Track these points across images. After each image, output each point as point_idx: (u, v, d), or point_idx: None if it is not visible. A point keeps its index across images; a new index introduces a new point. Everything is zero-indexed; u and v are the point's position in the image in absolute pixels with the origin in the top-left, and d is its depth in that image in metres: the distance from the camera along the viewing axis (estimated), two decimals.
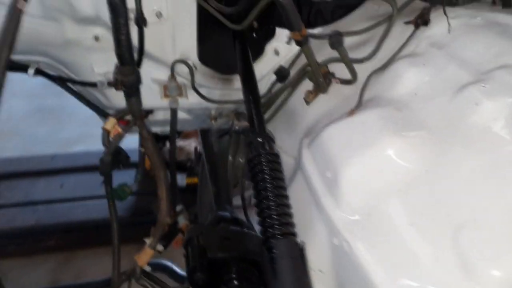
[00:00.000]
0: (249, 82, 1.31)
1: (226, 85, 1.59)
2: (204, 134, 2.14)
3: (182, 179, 4.08)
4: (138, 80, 1.28)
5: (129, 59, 1.23)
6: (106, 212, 4.50)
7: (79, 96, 1.72)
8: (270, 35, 1.48)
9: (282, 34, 1.49)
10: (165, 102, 1.53)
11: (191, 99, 1.58)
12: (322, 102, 1.30)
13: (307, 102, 1.32)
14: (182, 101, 1.60)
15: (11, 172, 4.15)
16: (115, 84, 1.28)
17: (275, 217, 1.06)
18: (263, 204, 1.09)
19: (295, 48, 1.52)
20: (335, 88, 1.28)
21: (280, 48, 1.51)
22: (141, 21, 1.27)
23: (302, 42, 1.09)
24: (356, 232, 0.98)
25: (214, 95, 1.60)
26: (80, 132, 4.88)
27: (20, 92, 5.24)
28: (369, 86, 1.17)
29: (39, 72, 1.65)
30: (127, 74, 1.25)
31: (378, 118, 1.04)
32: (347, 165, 1.02)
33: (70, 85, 1.70)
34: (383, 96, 1.13)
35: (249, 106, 1.27)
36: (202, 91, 1.55)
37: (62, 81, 1.65)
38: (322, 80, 1.20)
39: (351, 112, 1.10)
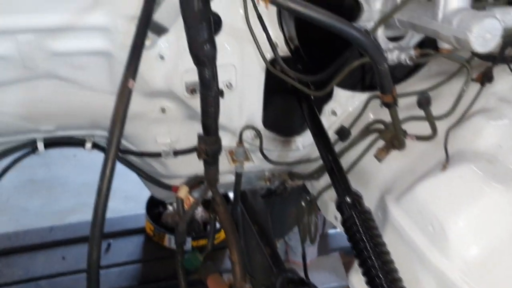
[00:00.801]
0: (324, 141, 1.38)
1: (284, 147, 1.64)
2: (243, 196, 2.16)
3: (187, 243, 4.02)
4: (220, 149, 1.31)
5: (214, 130, 1.27)
6: (111, 282, 4.35)
7: (134, 167, 1.73)
8: (328, 96, 1.56)
9: (338, 95, 1.57)
10: (231, 167, 1.55)
11: (251, 163, 1.62)
12: (396, 159, 1.36)
13: (379, 159, 1.38)
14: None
15: (8, 248, 4.00)
16: (198, 153, 1.31)
17: (382, 275, 1.09)
18: (367, 263, 1.12)
19: (350, 108, 1.61)
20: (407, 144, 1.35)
21: (337, 109, 1.59)
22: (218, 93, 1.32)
23: (391, 104, 1.16)
24: (472, 281, 1.02)
25: (272, 156, 1.64)
26: (74, 203, 4.78)
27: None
28: (449, 141, 1.24)
29: (95, 146, 1.67)
30: (211, 143, 1.29)
31: (475, 171, 1.11)
32: (455, 218, 1.07)
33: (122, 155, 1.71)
34: (467, 150, 1.20)
35: (329, 165, 1.33)
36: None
37: (121, 154, 1.67)
38: (403, 138, 1.27)
39: (444, 167, 1.17)
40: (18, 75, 1.36)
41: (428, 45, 1.33)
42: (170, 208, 4.27)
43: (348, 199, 1.22)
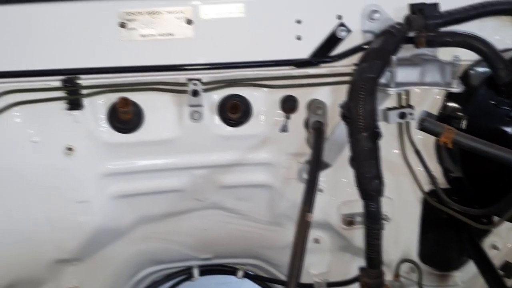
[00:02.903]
0: (495, 279, 1.30)
1: (441, 282, 1.57)
2: None
3: None
4: (383, 283, 1.29)
5: (378, 263, 1.27)
6: None
7: None
8: (488, 231, 1.50)
9: (499, 228, 1.50)
10: None
11: None
12: None
13: None
14: None
15: None
16: (362, 286, 1.30)
17: None
18: None
19: (510, 244, 1.53)
20: None
21: (498, 243, 1.52)
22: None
23: None
24: None
25: None
26: None
27: None
28: None
29: (246, 275, 1.72)
30: (375, 277, 1.27)
31: None
32: None
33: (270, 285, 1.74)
34: None
35: None
36: None
37: (269, 283, 1.70)
38: None
39: None
40: (189, 206, 1.50)
41: None
42: None
43: None
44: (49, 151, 1.32)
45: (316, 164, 1.20)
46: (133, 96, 1.29)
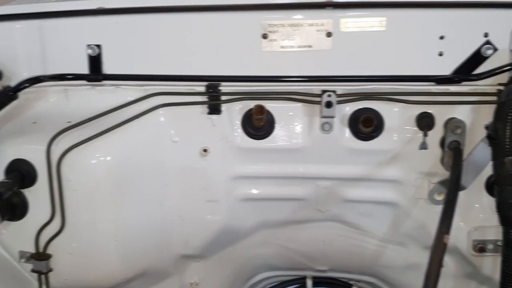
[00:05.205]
0: None
1: None
2: None
3: None
4: None
5: None
6: None
7: None
8: None
9: None
10: None
11: None
12: None
13: None
14: None
15: None
16: None
17: None
18: None
19: None
20: None
21: None
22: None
23: None
24: None
25: None
26: None
27: None
28: None
29: None
30: None
31: None
32: None
33: None
34: None
35: None
36: None
37: None
38: None
39: None
40: (309, 216, 1.51)
41: None
42: None
43: None
44: (187, 151, 1.40)
45: (455, 185, 1.16)
46: (266, 104, 1.33)
